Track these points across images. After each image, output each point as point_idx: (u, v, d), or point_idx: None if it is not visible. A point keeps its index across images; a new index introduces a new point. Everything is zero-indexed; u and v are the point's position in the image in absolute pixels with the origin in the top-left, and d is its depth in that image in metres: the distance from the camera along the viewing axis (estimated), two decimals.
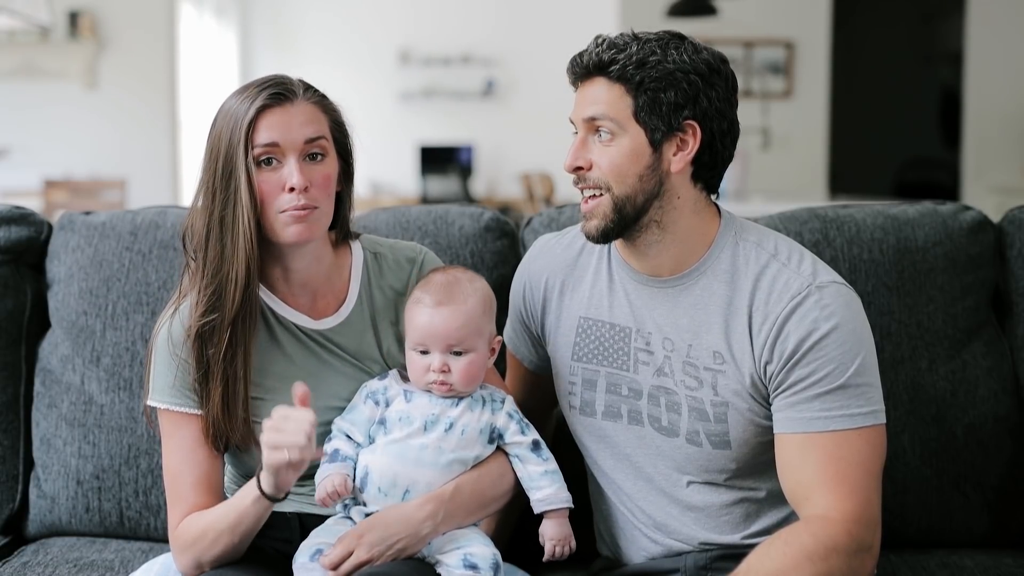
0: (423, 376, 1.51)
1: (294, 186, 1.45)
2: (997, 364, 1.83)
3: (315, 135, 1.49)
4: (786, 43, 8.04)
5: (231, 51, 9.38)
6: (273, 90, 1.47)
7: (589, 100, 1.48)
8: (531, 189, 7.52)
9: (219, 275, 1.46)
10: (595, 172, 1.48)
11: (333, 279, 1.59)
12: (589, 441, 1.60)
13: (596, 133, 1.48)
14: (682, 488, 1.53)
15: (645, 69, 1.44)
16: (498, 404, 1.55)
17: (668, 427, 1.52)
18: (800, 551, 1.35)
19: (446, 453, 1.49)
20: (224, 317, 1.46)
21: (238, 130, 1.45)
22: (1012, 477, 1.81)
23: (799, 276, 1.46)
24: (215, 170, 1.46)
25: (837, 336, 1.42)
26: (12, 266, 1.93)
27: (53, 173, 7.43)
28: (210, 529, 1.46)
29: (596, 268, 1.60)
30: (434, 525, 1.47)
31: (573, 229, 1.67)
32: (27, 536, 1.90)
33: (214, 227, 1.46)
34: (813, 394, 1.42)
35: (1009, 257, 1.87)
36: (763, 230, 1.55)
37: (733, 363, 1.47)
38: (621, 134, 1.46)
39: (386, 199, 9.12)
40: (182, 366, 1.49)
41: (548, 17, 9.40)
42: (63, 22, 7.54)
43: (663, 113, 1.45)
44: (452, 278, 1.54)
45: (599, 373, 1.57)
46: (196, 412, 1.50)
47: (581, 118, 1.49)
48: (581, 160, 1.49)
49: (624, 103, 1.45)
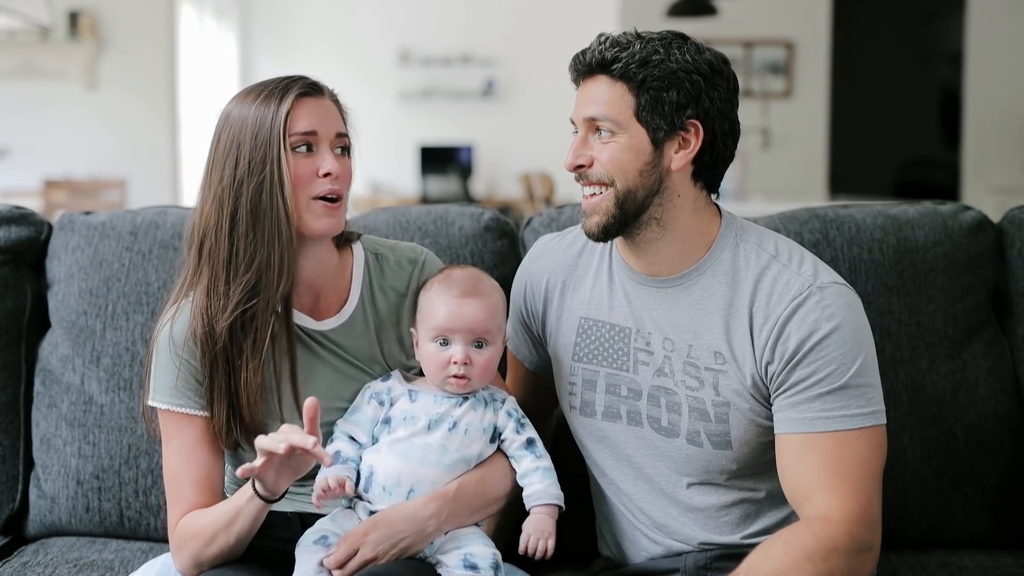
0: (442, 369, 1.51)
1: (330, 171, 1.48)
2: (997, 364, 1.83)
3: (343, 131, 1.53)
4: (786, 43, 8.04)
5: (231, 52, 9.38)
6: (305, 82, 1.50)
7: (590, 99, 1.48)
8: (531, 189, 7.51)
9: (256, 261, 1.46)
10: (596, 168, 1.48)
11: (335, 280, 1.59)
12: (589, 442, 1.61)
13: (597, 132, 1.48)
14: (682, 489, 1.53)
15: (648, 68, 1.44)
16: (499, 404, 1.55)
17: (668, 427, 1.52)
18: (801, 551, 1.35)
19: (450, 452, 1.50)
20: (267, 301, 1.47)
21: (273, 117, 1.46)
22: (1012, 477, 1.81)
23: (800, 277, 1.46)
24: (238, 160, 1.46)
25: (838, 336, 1.42)
26: (12, 266, 1.93)
27: (53, 173, 7.43)
28: (207, 528, 1.47)
29: (596, 268, 1.60)
30: (438, 523, 1.47)
31: (574, 229, 1.67)
32: (27, 536, 1.90)
33: (243, 216, 1.46)
34: (814, 394, 1.42)
35: (1009, 257, 1.88)
36: (763, 231, 1.55)
37: (734, 363, 1.47)
38: (621, 133, 1.46)
39: (386, 199, 9.12)
40: (184, 367, 1.49)
41: (548, 17, 9.40)
42: (63, 22, 7.54)
43: (665, 112, 1.45)
44: (475, 273, 1.56)
45: (599, 373, 1.57)
46: (197, 413, 1.50)
47: (582, 117, 1.49)
48: (582, 158, 1.49)
49: (626, 102, 1.45)
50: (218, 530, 1.46)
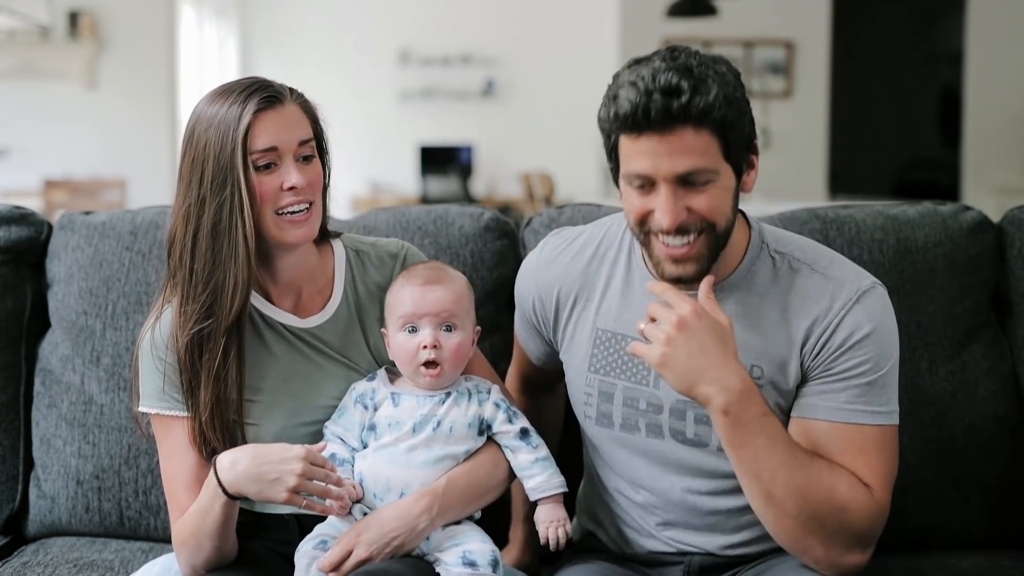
0: (413, 357, 1.51)
1: (294, 185, 1.46)
2: (997, 364, 1.83)
3: (306, 137, 1.50)
4: (786, 43, 8.04)
5: (231, 51, 9.38)
6: (263, 93, 1.47)
7: (678, 152, 1.36)
8: (531, 189, 7.51)
9: (212, 281, 1.46)
10: (693, 219, 1.39)
11: (317, 277, 1.59)
12: (604, 448, 1.59)
13: (685, 184, 1.38)
14: (700, 496, 1.53)
15: (727, 106, 1.36)
16: (484, 395, 1.55)
17: (695, 439, 1.51)
18: (839, 476, 1.40)
19: (436, 451, 1.50)
20: (220, 323, 1.47)
21: (232, 136, 1.44)
22: (1012, 478, 1.81)
23: (843, 284, 1.46)
24: (202, 178, 1.46)
25: (877, 337, 1.45)
26: (12, 266, 1.93)
27: (53, 173, 7.43)
28: (184, 530, 1.48)
29: (609, 276, 1.57)
30: (430, 519, 1.47)
31: (581, 235, 1.63)
32: (27, 536, 1.90)
33: (204, 235, 1.46)
34: (842, 387, 1.44)
35: (1009, 257, 1.87)
36: (789, 236, 1.54)
37: (772, 374, 1.47)
38: (717, 177, 1.39)
39: (386, 199, 9.12)
40: (168, 370, 1.50)
41: (548, 17, 9.39)
42: (63, 22, 7.54)
43: (744, 145, 1.41)
44: (436, 264, 1.59)
45: (616, 386, 1.55)
46: (184, 414, 1.50)
47: (673, 174, 1.37)
48: (682, 216, 1.38)
49: (713, 147, 1.37)
50: (190, 533, 1.46)
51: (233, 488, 1.41)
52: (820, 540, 1.40)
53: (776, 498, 1.39)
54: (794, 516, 1.39)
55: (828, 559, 1.41)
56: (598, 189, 8.18)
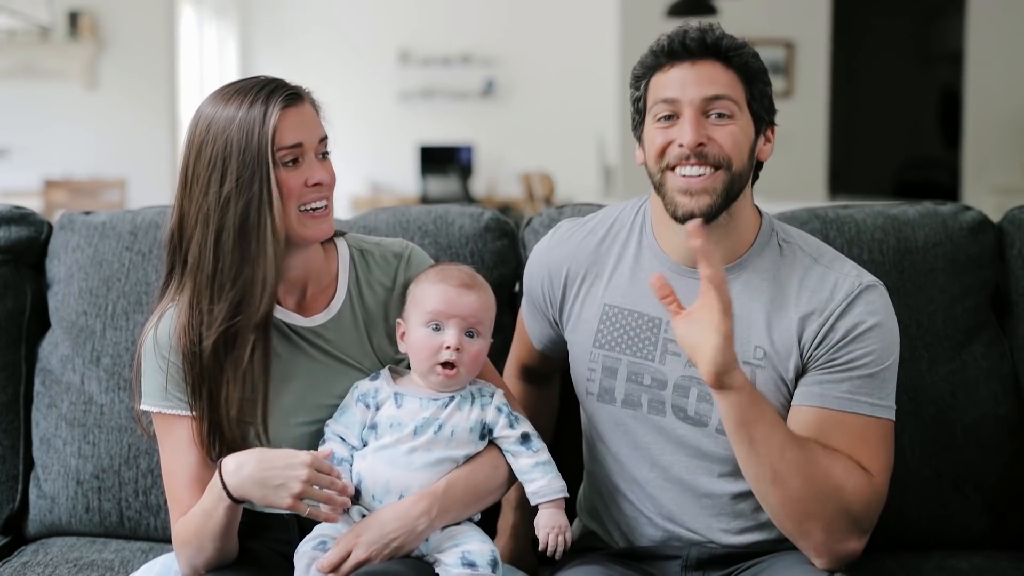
0: (433, 355, 1.51)
1: (320, 181, 1.49)
2: (997, 364, 1.83)
3: (324, 134, 1.53)
4: (786, 43, 8.04)
5: (231, 51, 9.39)
6: (285, 91, 1.49)
7: (707, 80, 1.48)
8: (531, 189, 7.51)
9: (240, 279, 1.46)
10: (713, 148, 1.47)
11: (321, 276, 1.59)
12: (604, 427, 1.60)
13: (707, 114, 1.48)
14: (699, 476, 1.54)
15: (758, 63, 1.50)
16: (487, 398, 1.55)
17: (695, 417, 1.53)
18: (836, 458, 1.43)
19: (435, 453, 1.50)
20: (249, 320, 1.47)
21: (260, 133, 1.45)
22: (1012, 478, 1.81)
23: (847, 278, 1.50)
24: (224, 177, 1.45)
25: (879, 332, 1.48)
26: (12, 266, 1.93)
27: (53, 173, 7.43)
28: (186, 531, 1.47)
29: (620, 255, 1.60)
30: (429, 521, 1.47)
31: (594, 217, 1.67)
32: (27, 536, 1.90)
33: (229, 234, 1.45)
34: (843, 377, 1.47)
35: (1009, 257, 1.87)
36: (798, 231, 1.60)
37: (775, 359, 1.50)
38: (739, 116, 1.49)
39: (386, 199, 9.12)
40: (171, 369, 1.50)
41: (548, 17, 9.40)
42: (63, 22, 7.55)
43: (767, 106, 1.52)
44: (471, 270, 1.59)
45: (620, 361, 1.57)
46: (187, 413, 1.50)
47: (701, 96, 1.47)
48: (703, 135, 1.47)
49: (738, 88, 1.49)
50: (192, 534, 1.46)
51: (237, 492, 1.41)
52: (820, 524, 1.42)
53: (782, 476, 1.41)
54: (798, 497, 1.41)
55: (827, 545, 1.43)
56: (598, 189, 8.18)
